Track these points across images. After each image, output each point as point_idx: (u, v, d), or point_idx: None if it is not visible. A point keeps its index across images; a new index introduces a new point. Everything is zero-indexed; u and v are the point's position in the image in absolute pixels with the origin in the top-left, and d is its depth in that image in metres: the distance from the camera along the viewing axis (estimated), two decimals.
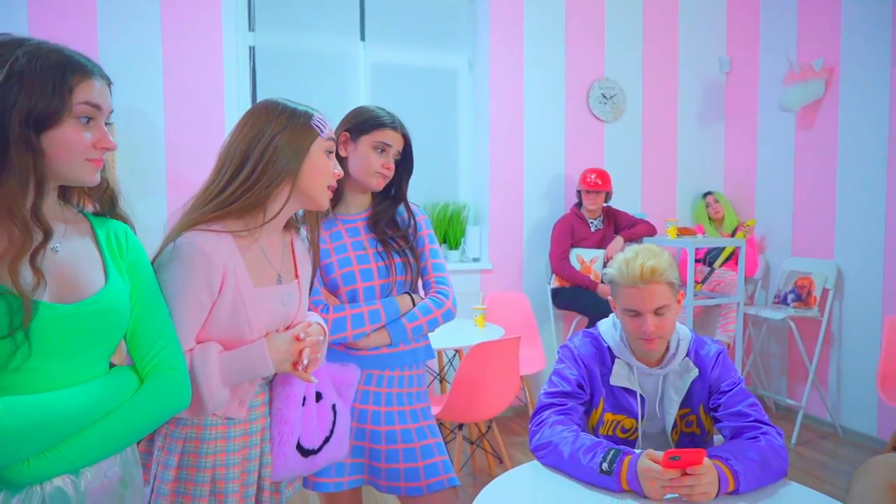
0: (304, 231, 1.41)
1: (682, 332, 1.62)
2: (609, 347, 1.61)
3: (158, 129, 3.27)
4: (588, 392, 1.58)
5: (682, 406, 1.57)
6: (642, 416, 1.57)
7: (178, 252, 1.15)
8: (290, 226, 1.36)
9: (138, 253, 1.08)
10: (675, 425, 1.57)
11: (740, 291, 3.70)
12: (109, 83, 0.98)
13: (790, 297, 3.80)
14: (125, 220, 1.11)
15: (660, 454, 1.29)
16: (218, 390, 1.15)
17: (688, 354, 1.59)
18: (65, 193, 1.03)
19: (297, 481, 1.41)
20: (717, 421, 1.57)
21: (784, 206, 4.07)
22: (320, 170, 1.25)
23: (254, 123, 1.23)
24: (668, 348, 1.59)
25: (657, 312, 1.50)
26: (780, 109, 3.85)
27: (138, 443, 1.23)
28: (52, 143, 0.90)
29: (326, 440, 1.33)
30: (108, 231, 1.06)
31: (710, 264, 4.08)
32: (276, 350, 1.20)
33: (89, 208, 1.08)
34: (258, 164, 1.19)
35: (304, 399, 1.30)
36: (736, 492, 1.31)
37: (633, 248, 1.56)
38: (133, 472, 1.08)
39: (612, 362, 1.59)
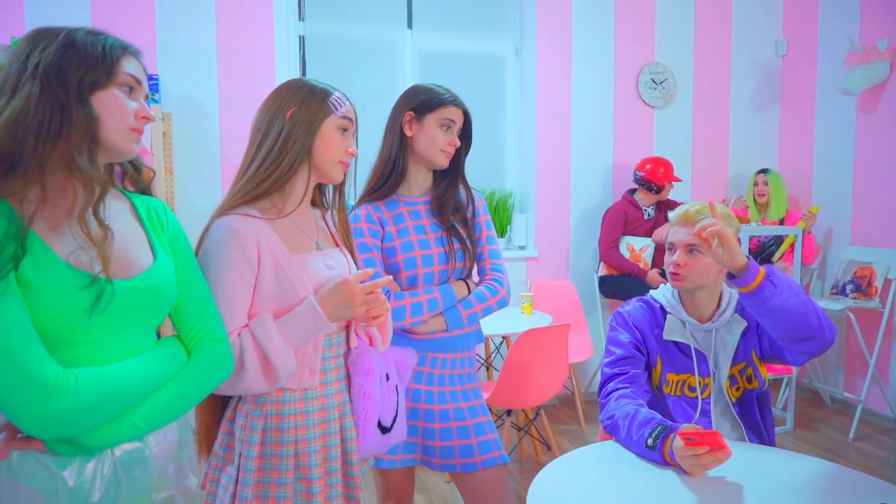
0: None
1: (734, 293, 1.65)
2: (661, 306, 1.67)
3: (213, 118, 3.35)
4: (645, 353, 1.63)
5: (738, 361, 1.61)
6: (699, 371, 1.60)
7: (212, 238, 1.22)
8: (318, 205, 1.40)
9: (177, 229, 1.14)
10: (735, 381, 1.61)
11: (796, 280, 3.59)
12: (145, 72, 1.06)
13: (849, 287, 3.67)
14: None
15: (694, 429, 1.32)
16: (285, 353, 1.17)
17: (736, 311, 1.64)
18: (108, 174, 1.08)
19: (371, 459, 1.43)
20: (775, 347, 1.57)
21: (843, 195, 3.92)
22: (332, 145, 1.28)
23: (274, 100, 1.28)
24: (719, 304, 1.65)
25: (689, 250, 1.58)
26: (840, 93, 3.71)
27: (220, 425, 1.29)
28: (101, 104, 0.96)
29: (394, 419, 1.35)
30: (148, 207, 1.11)
31: (765, 261, 3.94)
32: (326, 300, 1.21)
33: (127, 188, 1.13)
34: (277, 139, 1.24)
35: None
36: (767, 278, 1.38)
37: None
38: (187, 436, 1.14)
39: (665, 320, 1.64)
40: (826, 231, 4.04)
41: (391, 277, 1.35)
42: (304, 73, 3.66)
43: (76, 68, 0.93)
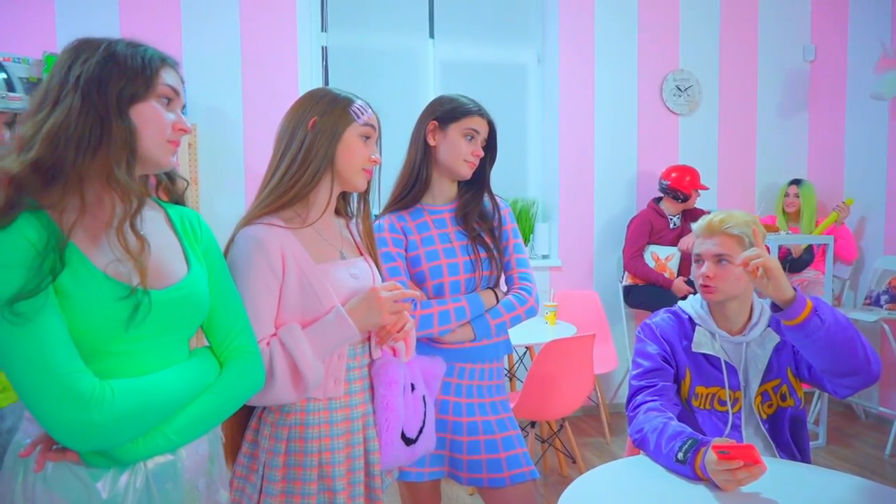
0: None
1: (766, 305, 1.60)
2: (690, 318, 1.63)
3: (237, 128, 3.38)
4: (674, 366, 1.59)
5: (772, 377, 1.56)
6: (730, 384, 1.56)
7: (237, 248, 1.22)
8: (342, 214, 1.40)
9: (211, 239, 1.14)
10: (768, 398, 1.56)
11: (827, 291, 3.51)
12: (183, 83, 1.06)
13: (884, 297, 3.57)
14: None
15: (728, 442, 1.28)
16: (314, 363, 1.17)
17: (769, 325, 1.59)
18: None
19: (395, 471, 1.42)
20: (814, 373, 1.53)
21: (876, 202, 3.82)
22: (354, 153, 1.28)
23: (297, 110, 1.28)
24: (750, 317, 1.60)
25: (717, 261, 1.55)
26: (871, 98, 3.62)
27: (245, 434, 1.28)
28: (140, 118, 0.96)
29: (420, 430, 1.33)
30: (182, 217, 1.11)
31: (791, 271, 3.83)
32: (355, 309, 1.22)
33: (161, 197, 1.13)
34: (300, 149, 1.25)
35: (403, 388, 1.30)
36: (814, 312, 1.34)
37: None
38: (218, 449, 1.14)
39: (694, 332, 1.60)
40: (859, 240, 3.94)
41: (419, 292, 1.34)
42: (326, 83, 3.69)
43: (116, 81, 0.94)
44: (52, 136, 0.91)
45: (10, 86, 2.55)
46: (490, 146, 1.68)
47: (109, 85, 0.94)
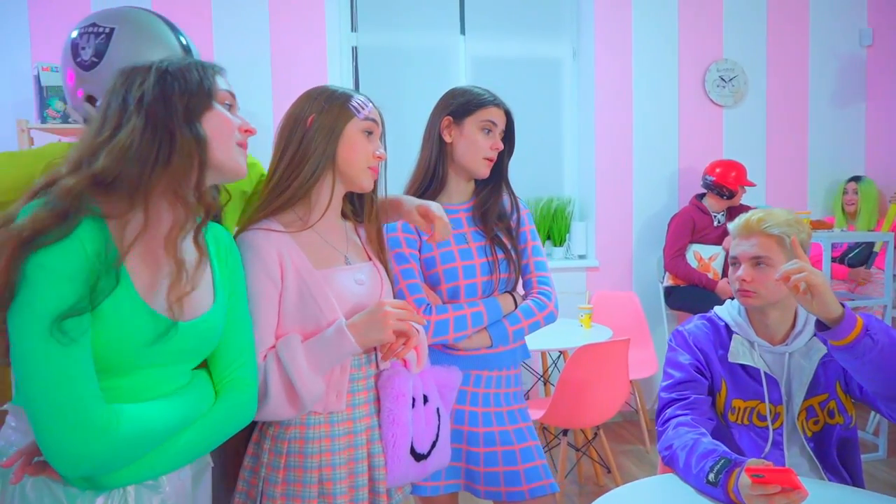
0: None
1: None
2: (726, 325, 1.50)
3: (268, 130, 3.36)
4: (709, 377, 1.48)
5: (818, 392, 1.42)
6: (770, 398, 1.43)
7: None
8: (349, 217, 1.34)
9: (237, 264, 1.12)
10: (814, 414, 1.42)
11: (888, 292, 3.27)
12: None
13: None
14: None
15: (764, 464, 1.17)
16: (310, 378, 1.11)
17: (816, 334, 1.43)
18: None
19: (407, 487, 1.35)
20: (866, 392, 1.39)
21: None
22: (357, 150, 1.22)
23: (294, 110, 1.25)
24: (793, 325, 1.46)
25: (755, 264, 1.43)
26: None
27: (247, 447, 1.24)
28: (210, 125, 0.97)
29: (433, 444, 1.26)
30: (217, 241, 1.08)
31: (851, 266, 3.62)
32: (356, 324, 1.15)
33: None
34: (298, 148, 1.21)
35: (414, 401, 1.24)
36: (865, 331, 1.20)
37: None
38: (200, 471, 1.10)
39: (731, 341, 1.48)
40: None
41: (434, 296, 1.26)
42: (356, 83, 3.66)
43: (180, 95, 0.95)
44: (117, 153, 0.91)
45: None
46: (507, 138, 1.59)
47: (175, 100, 0.94)
